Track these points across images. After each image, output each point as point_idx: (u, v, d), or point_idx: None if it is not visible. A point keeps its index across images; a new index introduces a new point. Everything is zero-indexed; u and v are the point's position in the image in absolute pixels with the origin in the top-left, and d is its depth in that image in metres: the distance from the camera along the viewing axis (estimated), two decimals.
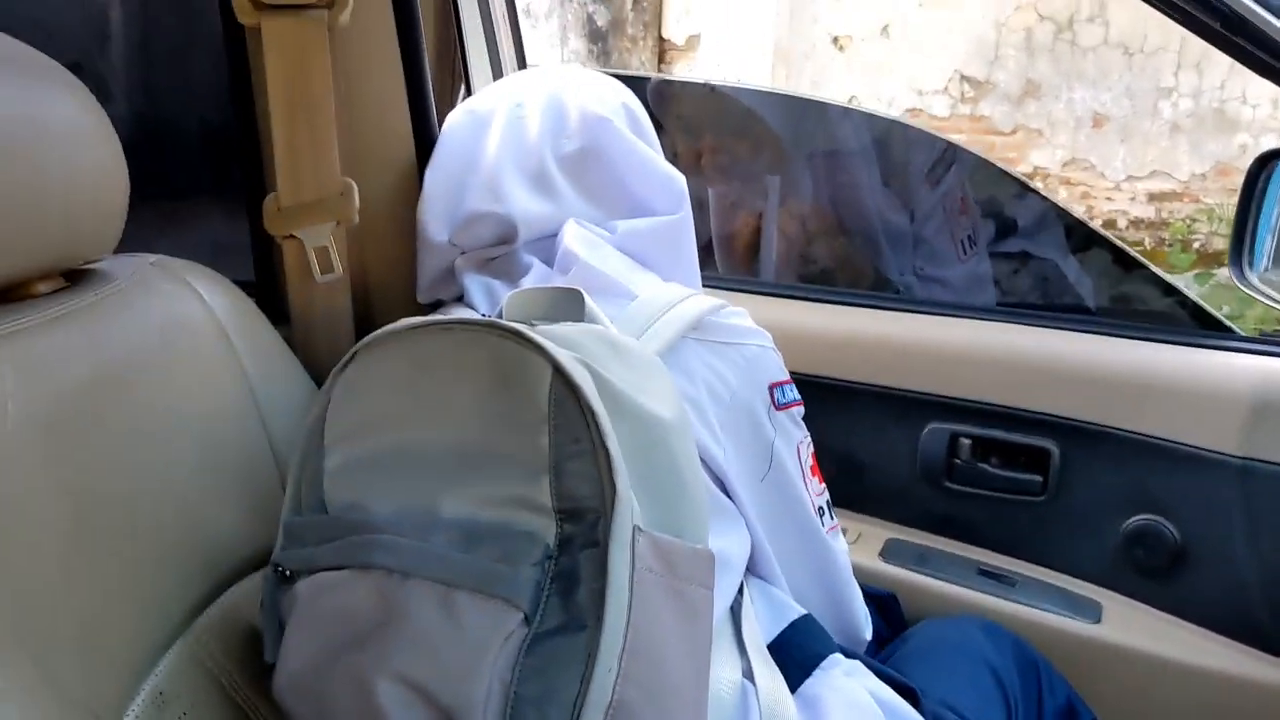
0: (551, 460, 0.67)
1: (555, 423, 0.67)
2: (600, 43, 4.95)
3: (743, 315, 1.03)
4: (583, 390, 0.68)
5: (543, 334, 0.71)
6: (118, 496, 0.77)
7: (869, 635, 1.13)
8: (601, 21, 4.90)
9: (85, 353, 0.79)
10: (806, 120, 1.96)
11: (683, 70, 5.25)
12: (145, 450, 0.82)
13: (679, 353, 0.95)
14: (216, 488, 0.88)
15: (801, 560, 1.04)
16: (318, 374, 1.07)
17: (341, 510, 0.73)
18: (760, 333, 1.02)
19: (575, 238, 1.02)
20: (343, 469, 0.74)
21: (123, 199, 0.88)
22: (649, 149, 1.12)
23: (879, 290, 1.83)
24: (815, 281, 1.88)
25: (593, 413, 0.67)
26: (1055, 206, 1.75)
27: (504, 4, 1.46)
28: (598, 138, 1.09)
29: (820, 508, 1.05)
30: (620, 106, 1.14)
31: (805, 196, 1.91)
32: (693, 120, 1.97)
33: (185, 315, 0.92)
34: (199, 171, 1.48)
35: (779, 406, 1.00)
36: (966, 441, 1.39)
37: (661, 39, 5.22)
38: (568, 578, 0.65)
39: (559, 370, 0.68)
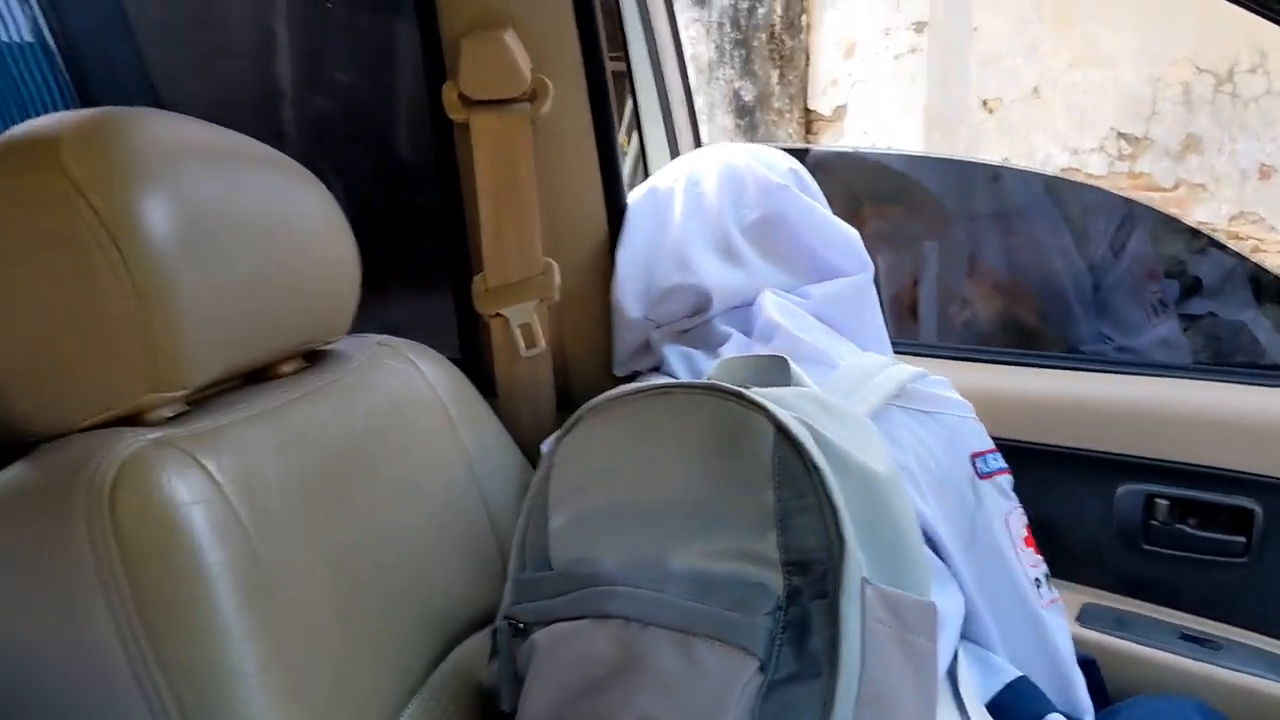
0: (778, 515, 0.69)
1: (780, 479, 0.70)
2: (747, 117, 5.03)
3: (945, 384, 1.04)
4: (806, 447, 0.70)
5: (760, 395, 0.74)
6: (366, 561, 0.83)
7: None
8: (748, 97, 4.99)
9: (333, 427, 0.86)
10: (975, 182, 1.95)
11: (830, 140, 5.28)
12: (386, 517, 0.88)
13: (884, 419, 0.96)
14: (444, 550, 0.94)
15: (1017, 630, 1.02)
16: (522, 443, 1.13)
17: (568, 565, 0.77)
18: (962, 403, 1.03)
19: (775, 308, 1.05)
20: (568, 527, 0.78)
21: (356, 286, 0.96)
22: (826, 210, 1.15)
23: None
24: None
25: (817, 469, 0.69)
26: (1244, 259, 1.68)
27: (681, 88, 1.53)
28: (778, 204, 1.12)
29: (1036, 579, 1.03)
30: (790, 172, 1.17)
31: (979, 261, 1.90)
32: (858, 188, 1.98)
33: (412, 390, 0.99)
34: (404, 256, 1.59)
35: (982, 476, 1.00)
36: (1163, 503, 1.35)
37: (808, 111, 5.27)
38: (799, 627, 0.67)
39: (781, 428, 0.71)
